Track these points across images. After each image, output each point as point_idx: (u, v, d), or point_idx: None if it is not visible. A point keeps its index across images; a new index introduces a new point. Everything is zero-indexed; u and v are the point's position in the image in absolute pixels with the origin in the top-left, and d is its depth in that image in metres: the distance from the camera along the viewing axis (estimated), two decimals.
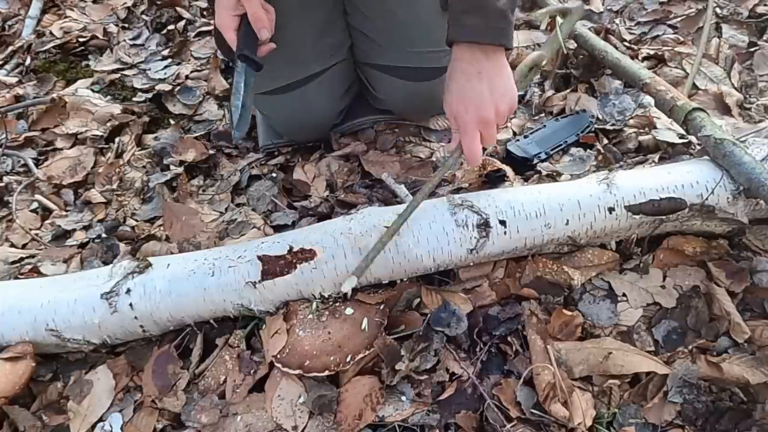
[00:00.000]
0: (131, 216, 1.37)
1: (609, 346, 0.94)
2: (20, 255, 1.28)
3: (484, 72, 0.95)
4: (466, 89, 0.96)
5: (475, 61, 0.95)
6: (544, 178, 1.25)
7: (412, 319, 1.00)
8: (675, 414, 0.88)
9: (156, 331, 1.03)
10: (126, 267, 1.01)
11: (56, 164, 1.50)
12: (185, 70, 1.75)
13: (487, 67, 0.95)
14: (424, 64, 1.27)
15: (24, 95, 1.73)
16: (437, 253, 0.99)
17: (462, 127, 0.97)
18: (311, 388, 0.93)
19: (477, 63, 0.95)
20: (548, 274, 1.03)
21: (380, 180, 1.30)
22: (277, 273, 0.97)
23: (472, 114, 0.96)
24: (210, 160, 1.47)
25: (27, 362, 0.97)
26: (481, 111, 0.95)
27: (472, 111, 0.95)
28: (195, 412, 0.95)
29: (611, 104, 1.43)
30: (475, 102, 0.95)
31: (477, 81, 0.95)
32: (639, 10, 1.74)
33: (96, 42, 1.91)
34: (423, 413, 0.90)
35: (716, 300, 0.97)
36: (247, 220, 1.29)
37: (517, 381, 0.92)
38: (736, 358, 0.91)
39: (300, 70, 1.28)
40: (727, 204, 1.00)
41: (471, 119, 0.96)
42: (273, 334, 0.97)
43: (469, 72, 0.96)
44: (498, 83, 0.96)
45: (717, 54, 1.50)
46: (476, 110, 0.95)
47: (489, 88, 0.95)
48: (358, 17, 1.30)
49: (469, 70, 0.96)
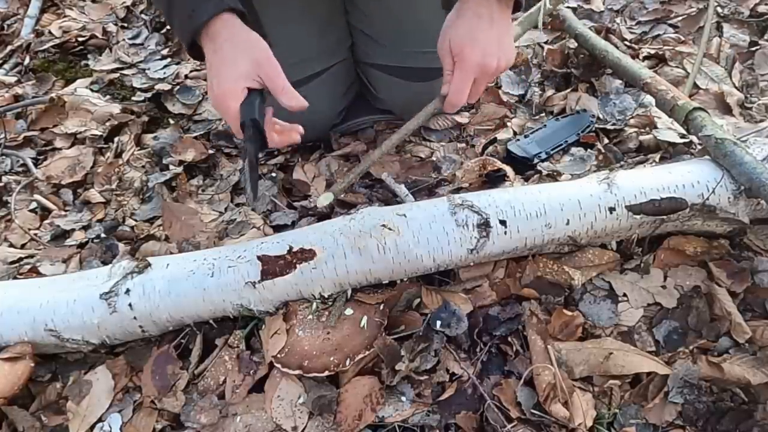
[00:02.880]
0: (130, 216, 1.37)
1: (609, 347, 0.94)
2: (19, 255, 1.28)
3: (496, 21, 0.92)
4: (478, 31, 0.92)
5: (489, 6, 0.92)
6: (544, 177, 1.25)
7: (412, 319, 1.00)
8: (676, 414, 0.87)
9: (155, 332, 1.02)
10: (125, 267, 1.01)
11: (55, 164, 1.50)
12: (185, 69, 1.75)
13: (499, 17, 0.93)
14: (424, 64, 1.27)
15: (23, 95, 1.73)
16: (437, 253, 0.99)
17: (463, 66, 0.94)
18: (311, 389, 0.93)
19: (490, 8, 0.92)
20: (549, 274, 1.03)
21: (380, 180, 1.30)
22: (277, 273, 0.97)
23: (478, 57, 0.92)
24: (209, 160, 1.47)
25: (26, 362, 0.97)
26: (487, 57, 0.92)
27: (478, 54, 0.92)
28: (194, 412, 0.94)
29: (612, 104, 1.42)
30: (483, 46, 0.92)
31: (488, 27, 0.92)
32: (640, 10, 1.74)
33: (95, 41, 1.91)
34: (423, 414, 0.90)
35: (717, 300, 0.97)
36: (246, 220, 1.28)
37: (518, 381, 0.91)
38: (737, 358, 0.90)
39: (300, 69, 1.27)
40: (728, 204, 1.00)
41: (475, 61, 0.92)
42: (273, 334, 0.97)
43: (482, 15, 0.92)
44: (505, 38, 0.94)
45: (718, 53, 1.50)
46: (482, 55, 0.92)
47: (498, 38, 0.93)
48: (359, 17, 1.29)
49: (483, 13, 0.92)
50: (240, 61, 0.87)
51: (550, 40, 1.70)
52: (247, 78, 0.88)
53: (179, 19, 0.89)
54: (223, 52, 0.88)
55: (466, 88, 0.95)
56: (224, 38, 0.87)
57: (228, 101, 0.88)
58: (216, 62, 0.89)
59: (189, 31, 0.88)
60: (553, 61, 1.58)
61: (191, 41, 0.89)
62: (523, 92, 1.55)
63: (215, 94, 0.89)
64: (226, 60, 0.87)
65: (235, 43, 0.88)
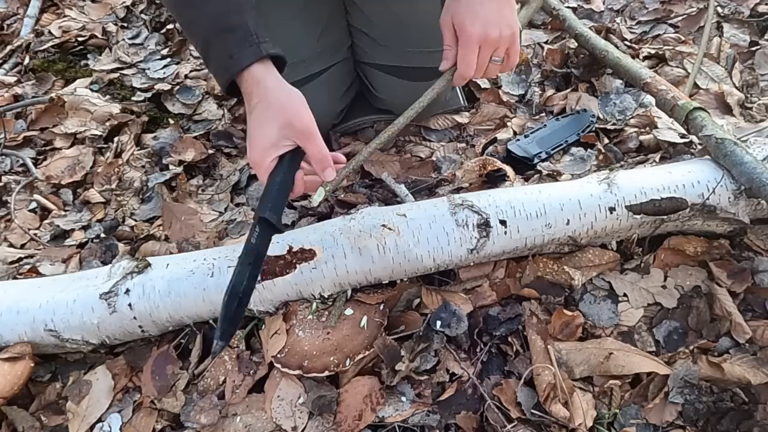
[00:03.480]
0: (130, 216, 1.37)
1: (610, 347, 0.94)
2: (19, 255, 1.28)
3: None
4: (477, 5, 0.93)
5: None
6: (544, 177, 1.25)
7: (412, 319, 1.00)
8: (676, 414, 0.87)
9: (155, 332, 1.02)
10: (125, 267, 1.01)
11: (55, 164, 1.50)
12: (184, 69, 1.75)
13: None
14: (424, 64, 1.27)
15: (23, 94, 1.73)
16: (437, 253, 0.99)
17: (464, 39, 0.94)
18: (311, 389, 0.93)
19: None
20: (549, 274, 1.03)
21: (380, 180, 1.29)
22: (277, 273, 0.97)
23: (479, 28, 0.92)
24: (209, 160, 1.47)
25: (26, 363, 0.97)
26: (488, 27, 0.92)
27: (479, 25, 0.92)
28: (194, 412, 0.94)
29: (612, 104, 1.42)
30: (483, 17, 0.92)
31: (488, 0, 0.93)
32: (640, 9, 1.73)
33: (95, 41, 1.91)
34: (423, 414, 0.90)
35: (717, 300, 0.97)
36: (246, 219, 1.28)
37: (518, 381, 0.91)
38: (738, 358, 0.90)
39: (300, 69, 1.27)
40: (728, 204, 1.00)
41: (476, 33, 0.93)
42: (272, 334, 0.97)
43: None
44: (507, 10, 0.94)
45: (718, 53, 1.50)
46: (483, 25, 0.92)
47: (498, 9, 0.93)
48: (359, 16, 1.29)
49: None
50: (268, 128, 0.86)
51: (550, 40, 1.70)
52: (275, 147, 0.87)
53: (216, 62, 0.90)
54: (256, 114, 0.88)
55: (472, 60, 0.95)
56: (258, 99, 0.87)
57: (258, 170, 0.89)
58: (251, 124, 0.89)
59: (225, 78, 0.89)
60: (553, 61, 1.58)
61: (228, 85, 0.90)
62: (523, 92, 1.55)
63: (249, 158, 0.90)
64: (256, 124, 0.88)
65: (266, 104, 0.87)
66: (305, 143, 0.87)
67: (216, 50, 0.89)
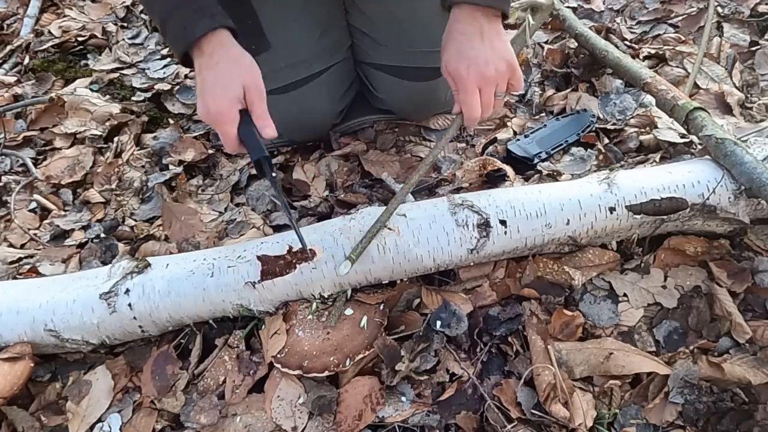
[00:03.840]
0: (130, 216, 1.37)
1: (610, 347, 0.94)
2: (19, 255, 1.28)
3: (486, 33, 0.96)
4: (466, 48, 0.96)
5: (476, 22, 0.95)
6: (544, 177, 1.25)
7: (412, 319, 1.00)
8: (676, 414, 0.87)
9: (155, 332, 1.02)
10: (125, 267, 1.01)
11: (55, 164, 1.50)
12: (184, 69, 1.75)
13: (488, 28, 0.96)
14: (424, 64, 1.27)
15: (22, 94, 1.73)
16: (437, 253, 0.99)
17: (462, 86, 0.97)
18: (311, 389, 0.93)
19: (478, 23, 0.95)
20: (549, 274, 1.03)
21: (380, 180, 1.29)
22: (277, 273, 0.97)
23: (473, 72, 0.95)
24: (209, 160, 1.47)
25: (25, 363, 0.97)
26: (482, 68, 0.95)
27: (473, 69, 0.95)
28: (194, 412, 0.94)
29: (612, 103, 1.42)
30: (475, 60, 0.95)
31: (478, 40, 0.95)
32: (640, 9, 1.73)
33: (95, 41, 1.91)
34: (423, 414, 0.90)
35: (717, 300, 0.97)
36: (246, 220, 1.28)
37: (518, 381, 0.91)
38: (738, 358, 0.90)
39: (300, 69, 1.27)
40: (728, 204, 1.00)
41: (472, 76, 0.95)
42: (272, 334, 0.97)
43: (470, 32, 0.96)
44: (498, 44, 0.97)
45: (718, 53, 1.50)
46: (477, 68, 0.95)
47: (490, 47, 0.96)
48: (359, 17, 1.29)
49: (470, 30, 0.96)
50: (233, 84, 0.92)
51: (550, 40, 1.70)
52: (239, 101, 0.93)
53: (173, 33, 0.94)
54: (218, 70, 0.92)
55: (475, 103, 0.97)
56: (219, 57, 0.92)
57: (225, 125, 0.93)
58: (210, 79, 0.93)
59: (182, 44, 0.93)
60: (553, 61, 1.58)
61: (184, 53, 0.94)
62: (523, 92, 1.54)
63: (209, 111, 0.93)
64: (220, 80, 0.92)
65: (229, 64, 0.93)
66: (259, 102, 0.93)
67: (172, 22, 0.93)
